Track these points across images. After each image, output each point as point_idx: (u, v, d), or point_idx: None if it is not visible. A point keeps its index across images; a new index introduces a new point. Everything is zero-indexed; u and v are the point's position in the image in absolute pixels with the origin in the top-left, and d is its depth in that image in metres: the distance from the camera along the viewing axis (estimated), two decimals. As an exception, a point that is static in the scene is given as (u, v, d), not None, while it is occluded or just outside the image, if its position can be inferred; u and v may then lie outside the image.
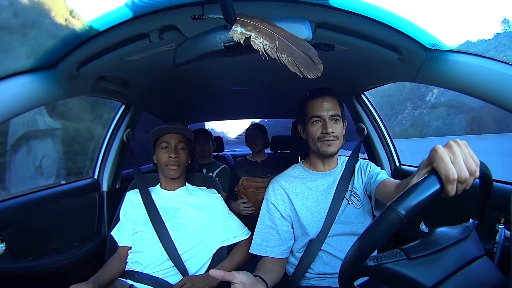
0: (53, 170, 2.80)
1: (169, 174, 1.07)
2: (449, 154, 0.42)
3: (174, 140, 1.08)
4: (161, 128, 1.09)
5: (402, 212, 0.39)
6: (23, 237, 0.94)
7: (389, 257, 0.43)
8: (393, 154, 1.46)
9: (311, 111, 0.91)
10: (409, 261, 0.43)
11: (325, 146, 0.88)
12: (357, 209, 0.92)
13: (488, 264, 0.46)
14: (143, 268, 0.98)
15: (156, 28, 0.73)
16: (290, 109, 2.24)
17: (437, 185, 0.41)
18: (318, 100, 0.90)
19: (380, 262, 0.42)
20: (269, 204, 0.96)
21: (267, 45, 0.55)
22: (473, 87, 0.71)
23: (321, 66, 0.55)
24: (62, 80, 0.85)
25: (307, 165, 1.00)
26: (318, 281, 0.90)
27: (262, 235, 0.94)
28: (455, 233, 0.48)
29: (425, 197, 0.40)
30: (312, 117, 0.90)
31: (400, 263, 0.43)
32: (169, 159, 1.05)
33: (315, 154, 0.96)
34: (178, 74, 1.22)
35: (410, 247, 0.45)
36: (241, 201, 1.62)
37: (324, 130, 0.87)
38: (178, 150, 1.08)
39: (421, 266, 0.43)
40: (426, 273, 0.42)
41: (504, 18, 19.69)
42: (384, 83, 1.18)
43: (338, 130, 0.89)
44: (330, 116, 0.88)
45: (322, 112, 0.88)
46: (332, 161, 0.97)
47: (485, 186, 0.50)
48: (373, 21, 0.72)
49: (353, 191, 0.94)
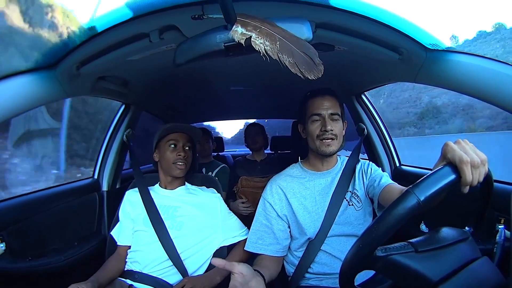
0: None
1: (176, 172, 1.07)
2: (459, 146, 0.46)
3: (182, 139, 1.09)
4: (171, 126, 1.09)
5: (421, 198, 0.39)
6: (23, 237, 0.94)
7: (398, 249, 0.43)
8: (393, 154, 1.46)
9: (311, 109, 0.92)
10: (416, 253, 0.43)
11: (324, 146, 0.89)
12: (357, 210, 0.92)
13: (488, 264, 0.46)
14: (142, 267, 0.98)
15: (156, 28, 0.73)
16: (290, 109, 2.24)
17: (454, 174, 0.43)
18: (318, 98, 0.91)
19: (389, 253, 0.42)
20: (265, 203, 0.96)
21: (268, 45, 0.55)
22: (473, 87, 0.71)
23: (322, 67, 0.55)
24: (62, 80, 0.85)
25: (306, 165, 1.00)
26: (317, 281, 0.90)
27: (258, 233, 0.95)
28: (457, 233, 0.48)
29: (443, 184, 0.41)
30: (312, 115, 0.91)
31: (408, 255, 0.43)
32: (178, 157, 1.06)
33: (314, 154, 0.96)
34: (178, 74, 1.22)
35: (418, 240, 0.45)
36: (240, 200, 1.62)
37: (323, 128, 0.88)
38: (185, 149, 1.09)
39: (429, 259, 0.43)
40: (432, 267, 0.42)
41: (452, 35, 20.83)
42: (384, 83, 1.18)
43: (337, 129, 0.90)
44: (330, 114, 0.89)
45: (322, 110, 0.89)
46: (331, 161, 0.97)
47: (485, 185, 0.50)
48: (373, 21, 0.72)
49: (354, 193, 0.94)
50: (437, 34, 0.77)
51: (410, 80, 0.91)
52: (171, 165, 1.07)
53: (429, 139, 9.12)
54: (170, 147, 1.07)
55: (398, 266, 0.42)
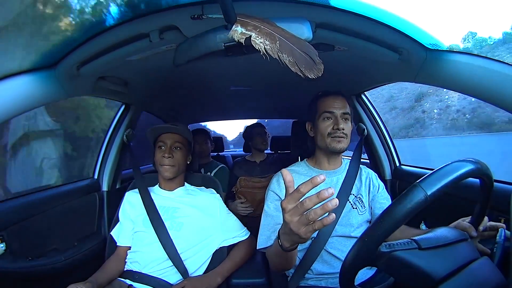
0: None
1: (163, 174, 1.06)
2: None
3: (169, 140, 1.07)
4: (156, 127, 1.08)
5: (428, 192, 0.39)
6: (23, 237, 0.94)
7: (401, 245, 0.43)
8: (393, 154, 1.46)
9: (322, 107, 0.92)
10: (420, 251, 0.43)
11: (335, 142, 0.89)
12: (360, 215, 0.92)
13: (488, 264, 0.46)
14: (142, 268, 0.98)
15: (156, 28, 0.73)
16: (290, 109, 2.24)
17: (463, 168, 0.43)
18: (330, 97, 0.93)
19: (393, 249, 0.42)
20: (274, 195, 0.92)
21: (268, 45, 0.55)
22: (473, 87, 0.71)
23: (322, 66, 0.56)
24: (62, 80, 0.85)
25: (312, 163, 1.00)
26: (316, 282, 0.90)
27: (270, 226, 0.89)
28: (458, 233, 0.48)
29: (452, 179, 0.41)
30: (324, 112, 0.91)
31: (412, 252, 0.42)
32: (163, 159, 1.05)
33: (322, 152, 0.96)
34: (178, 74, 1.22)
35: (421, 238, 0.45)
36: (239, 201, 1.62)
37: (335, 126, 0.89)
38: (173, 150, 1.07)
39: (432, 257, 0.43)
40: (436, 264, 0.42)
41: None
42: (384, 83, 1.18)
43: (347, 128, 0.91)
44: (342, 113, 0.91)
45: (335, 109, 0.91)
46: (337, 160, 0.98)
47: (485, 186, 0.50)
48: (373, 21, 0.72)
49: (358, 197, 0.94)
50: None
51: (410, 80, 0.91)
52: (158, 166, 1.07)
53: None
54: (158, 149, 1.07)
55: (402, 263, 0.42)
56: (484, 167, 0.48)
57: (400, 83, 1.14)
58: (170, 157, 1.05)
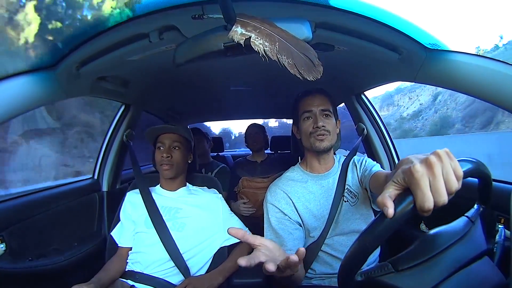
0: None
1: (163, 174, 1.08)
2: (429, 176, 0.36)
3: (168, 140, 1.08)
4: (154, 128, 1.09)
5: (370, 249, 0.38)
6: (23, 237, 0.94)
7: (377, 271, 0.43)
8: (393, 154, 1.45)
9: (302, 107, 0.93)
10: (397, 273, 0.43)
11: (318, 142, 0.89)
12: (352, 206, 0.92)
13: (488, 264, 0.46)
14: (144, 268, 0.98)
15: (156, 28, 0.73)
16: (290, 109, 2.23)
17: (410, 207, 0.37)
18: (309, 97, 0.93)
19: (368, 276, 0.42)
20: (273, 207, 0.92)
21: (267, 46, 0.55)
22: (473, 87, 0.71)
23: (321, 68, 0.55)
24: (62, 80, 0.85)
25: (304, 166, 0.99)
26: (319, 281, 0.90)
27: (276, 241, 0.83)
28: (450, 234, 0.48)
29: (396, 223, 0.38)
30: (304, 112, 0.92)
31: (388, 277, 0.43)
32: (162, 158, 1.06)
33: (310, 153, 0.96)
34: (178, 74, 1.22)
35: (398, 258, 0.45)
36: (241, 201, 1.61)
37: (315, 125, 0.88)
38: (172, 150, 1.07)
39: (410, 277, 0.43)
40: (415, 284, 0.42)
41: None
42: (384, 83, 1.18)
43: (329, 125, 0.90)
44: (320, 110, 0.90)
45: (313, 107, 0.90)
46: (328, 160, 0.97)
47: (483, 186, 0.50)
48: (373, 21, 0.72)
49: (347, 188, 0.94)
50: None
51: (410, 79, 0.91)
52: (158, 166, 1.08)
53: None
54: (157, 149, 1.08)
55: (381, 287, 0.42)
56: (482, 166, 0.47)
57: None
58: (169, 157, 1.06)
